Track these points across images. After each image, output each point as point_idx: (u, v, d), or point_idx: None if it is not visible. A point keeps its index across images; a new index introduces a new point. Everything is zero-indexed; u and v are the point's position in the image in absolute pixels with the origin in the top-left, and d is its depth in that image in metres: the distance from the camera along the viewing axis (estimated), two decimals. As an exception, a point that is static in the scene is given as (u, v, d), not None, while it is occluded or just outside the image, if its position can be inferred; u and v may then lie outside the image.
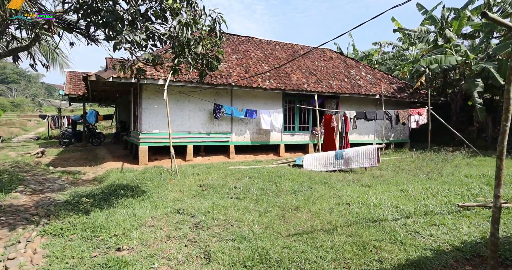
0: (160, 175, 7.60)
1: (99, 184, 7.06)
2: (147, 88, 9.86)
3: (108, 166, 9.48)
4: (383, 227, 3.62)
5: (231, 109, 10.80)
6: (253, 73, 11.36)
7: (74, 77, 15.81)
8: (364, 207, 4.51)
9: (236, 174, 7.52)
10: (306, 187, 6.14)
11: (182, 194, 5.86)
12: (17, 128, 23.03)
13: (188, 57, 4.66)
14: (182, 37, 4.02)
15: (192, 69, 5.00)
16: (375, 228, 3.62)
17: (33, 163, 9.44)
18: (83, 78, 8.84)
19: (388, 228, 3.58)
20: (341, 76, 13.31)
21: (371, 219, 3.92)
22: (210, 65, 5.01)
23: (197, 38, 4.44)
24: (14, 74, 70.49)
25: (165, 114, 10.09)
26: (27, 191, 6.11)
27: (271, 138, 11.90)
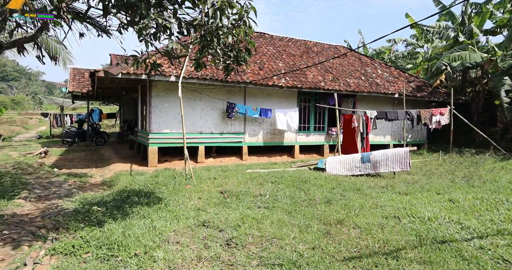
0: (174, 179, 7.04)
1: (108, 188, 6.50)
2: (157, 85, 9.28)
3: (115, 167, 8.92)
4: (457, 251, 3.06)
5: (245, 108, 10.23)
6: (268, 70, 10.78)
7: (78, 74, 15.22)
8: (417, 222, 3.95)
9: (256, 178, 6.96)
10: (338, 194, 5.57)
11: (203, 202, 5.30)
12: (18, 127, 22.47)
13: (217, 48, 4.08)
14: (216, 23, 3.43)
15: (219, 63, 4.42)
16: (448, 252, 3.05)
17: (36, 164, 8.87)
18: (91, 74, 8.26)
19: (465, 252, 3.02)
20: (358, 74, 12.72)
21: (436, 239, 3.36)
22: (239, 58, 4.43)
23: (229, 26, 3.86)
24: (14, 71, 69.92)
25: (175, 113, 9.53)
26: (32, 197, 5.55)
27: (285, 139, 11.33)
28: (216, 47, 4.08)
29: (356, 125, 9.56)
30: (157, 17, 2.96)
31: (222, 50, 4.25)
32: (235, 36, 4.17)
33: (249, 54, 4.49)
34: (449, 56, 11.59)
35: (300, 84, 10.51)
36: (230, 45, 4.31)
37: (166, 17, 3.09)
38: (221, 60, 4.44)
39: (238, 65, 4.75)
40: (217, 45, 4.10)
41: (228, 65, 4.82)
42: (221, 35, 4.07)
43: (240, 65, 4.73)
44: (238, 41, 4.35)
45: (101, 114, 18.06)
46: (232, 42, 4.31)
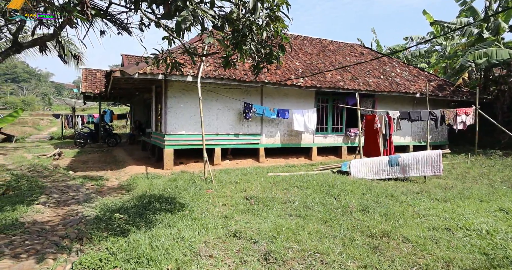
0: (194, 183, 6.76)
1: (127, 193, 6.25)
2: (173, 85, 9.03)
3: (130, 170, 8.69)
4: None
5: (262, 109, 9.91)
6: (285, 69, 10.45)
7: (90, 74, 15.11)
8: (474, 235, 3.58)
9: (280, 182, 6.63)
10: (372, 201, 5.21)
11: (228, 209, 5.01)
12: (30, 128, 22.56)
13: (251, 44, 3.78)
14: (256, 15, 3.13)
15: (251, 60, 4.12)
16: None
17: (51, 167, 8.70)
18: (107, 74, 8.05)
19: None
20: (376, 73, 12.29)
21: (509, 258, 2.98)
22: (272, 56, 4.12)
23: (268, 21, 3.55)
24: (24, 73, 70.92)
25: (191, 114, 9.28)
26: (50, 202, 5.33)
27: (302, 140, 10.98)
28: (250, 43, 3.78)
29: (378, 126, 9.17)
30: (196, 9, 2.67)
31: (255, 47, 3.94)
32: (271, 31, 3.85)
33: (282, 51, 4.17)
34: (474, 53, 11.09)
35: (319, 84, 10.16)
36: (263, 42, 4.00)
37: (205, 9, 2.79)
38: (253, 57, 4.13)
39: (269, 64, 4.44)
40: (251, 41, 3.79)
41: (258, 63, 4.50)
42: (256, 30, 3.77)
43: (271, 64, 4.42)
44: (271, 37, 4.04)
45: (112, 115, 17.94)
46: (265, 38, 4.01)
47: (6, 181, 7.00)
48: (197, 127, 9.35)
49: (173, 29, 4.61)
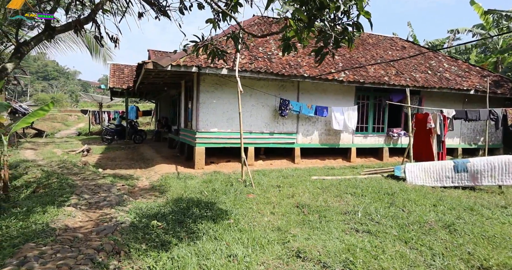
0: (232, 186, 6.13)
1: (161, 195, 5.72)
2: (205, 79, 8.46)
3: (160, 169, 8.22)
4: None
5: (299, 106, 9.15)
6: (324, 63, 9.61)
7: (118, 70, 14.95)
8: None
9: (329, 188, 5.86)
10: (452, 216, 4.34)
11: (279, 219, 4.31)
12: (59, 123, 23.02)
13: (326, 19, 3.05)
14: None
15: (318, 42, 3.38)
16: None
17: (81, 164, 8.40)
18: (138, 66, 7.59)
19: None
20: (423, 68, 11.17)
21: None
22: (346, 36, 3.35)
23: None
24: (54, 71, 73.98)
25: (224, 111, 8.67)
26: (82, 203, 4.86)
27: (341, 140, 10.12)
28: (326, 18, 3.05)
29: (432, 126, 8.15)
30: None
31: (329, 24, 3.20)
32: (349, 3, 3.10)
33: (358, 31, 3.39)
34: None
35: (362, 79, 9.24)
36: (337, 18, 3.26)
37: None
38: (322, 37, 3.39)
39: (336, 48, 3.66)
40: (326, 17, 3.07)
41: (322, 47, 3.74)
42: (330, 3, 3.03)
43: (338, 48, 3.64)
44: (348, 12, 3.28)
45: (138, 112, 17.80)
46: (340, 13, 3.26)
47: (37, 178, 6.70)
48: (230, 124, 8.74)
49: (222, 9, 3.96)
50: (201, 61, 7.66)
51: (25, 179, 6.86)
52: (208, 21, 4.22)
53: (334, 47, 3.65)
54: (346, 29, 3.31)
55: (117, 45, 3.80)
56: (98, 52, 14.42)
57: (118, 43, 3.77)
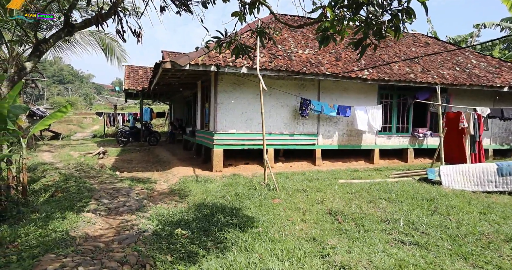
0: (255, 190, 5.81)
1: (181, 200, 5.45)
2: (223, 79, 8.19)
3: (178, 172, 7.99)
4: None
5: (321, 106, 8.76)
6: (346, 61, 9.20)
7: (132, 71, 14.91)
8: None
9: (359, 192, 5.46)
10: (508, 226, 3.88)
11: (312, 227, 3.96)
12: (74, 126, 23.31)
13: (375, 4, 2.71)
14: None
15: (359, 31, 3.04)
16: None
17: (98, 166, 8.26)
18: (155, 66, 7.39)
19: None
20: (450, 64, 10.59)
21: None
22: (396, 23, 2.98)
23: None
24: (69, 75, 75.76)
25: (242, 111, 8.38)
26: (101, 209, 4.64)
27: (363, 141, 9.66)
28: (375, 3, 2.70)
29: (465, 125, 7.61)
30: None
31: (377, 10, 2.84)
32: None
33: (410, 18, 3.01)
34: None
35: (387, 77, 8.77)
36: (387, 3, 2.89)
37: None
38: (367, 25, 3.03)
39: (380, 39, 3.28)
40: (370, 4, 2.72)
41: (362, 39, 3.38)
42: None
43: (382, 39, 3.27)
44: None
45: (152, 114, 17.75)
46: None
47: (55, 181, 6.56)
48: (249, 125, 8.44)
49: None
50: (219, 60, 7.40)
51: (43, 182, 6.74)
52: (234, 14, 3.92)
53: (378, 38, 3.30)
54: (396, 15, 2.94)
55: (140, 40, 3.55)
56: (113, 54, 14.43)
57: (141, 38, 3.52)
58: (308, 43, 9.73)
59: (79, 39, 13.35)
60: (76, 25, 3.88)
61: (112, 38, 14.41)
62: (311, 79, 8.89)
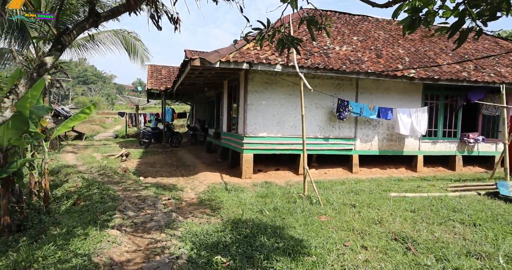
0: (294, 203, 5.12)
1: (213, 213, 4.84)
2: (254, 78, 7.55)
3: (204, 178, 7.42)
4: None
5: (360, 107, 7.94)
6: (388, 58, 8.32)
7: (155, 71, 14.62)
8: None
9: (421, 210, 4.64)
10: None
11: (379, 259, 3.22)
12: (97, 126, 23.53)
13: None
14: None
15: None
16: None
17: (121, 170, 7.86)
18: (183, 63, 6.86)
19: None
20: (506, 61, 9.44)
21: None
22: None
23: None
24: (93, 76, 78.19)
25: (274, 113, 7.71)
26: (126, 223, 4.11)
27: (405, 147, 8.73)
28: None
29: (534, 131, 6.56)
30: None
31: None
32: None
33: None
34: None
35: (437, 75, 7.82)
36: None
37: None
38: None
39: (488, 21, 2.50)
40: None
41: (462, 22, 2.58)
42: None
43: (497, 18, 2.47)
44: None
45: (174, 114, 17.45)
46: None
47: (77, 187, 6.16)
48: (281, 128, 7.76)
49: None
50: (252, 57, 6.76)
51: (65, 187, 6.37)
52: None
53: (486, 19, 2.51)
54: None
55: (178, 28, 2.97)
56: (136, 54, 14.20)
57: (179, 25, 2.94)
58: (345, 39, 8.92)
59: (103, 39, 13.19)
60: (103, 14, 3.35)
61: (136, 37, 14.19)
62: (348, 79, 8.09)
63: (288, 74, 7.69)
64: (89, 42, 12.89)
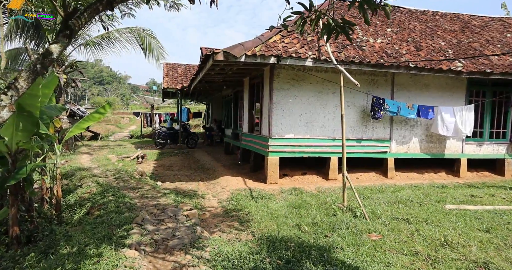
0: (334, 216, 4.44)
1: (242, 227, 4.22)
2: (280, 74, 6.89)
3: (226, 183, 6.82)
4: None
5: (397, 106, 7.15)
6: (429, 50, 7.48)
7: (171, 69, 14.19)
8: None
9: (496, 229, 3.86)
10: None
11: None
12: (112, 126, 23.46)
13: None
14: None
15: None
16: None
17: (137, 174, 7.37)
18: (205, 58, 6.27)
19: None
20: (561, 52, 8.38)
21: None
22: None
23: None
24: (108, 76, 79.53)
25: (301, 113, 7.03)
26: (145, 241, 3.55)
27: (446, 149, 7.86)
28: None
29: None
30: None
31: None
32: None
33: None
34: None
35: (489, 69, 6.93)
36: None
37: None
38: None
39: None
40: None
41: None
42: None
43: None
44: None
45: (189, 114, 17.01)
46: None
47: (91, 194, 5.68)
48: (308, 129, 7.07)
49: None
50: (280, 50, 6.11)
51: (79, 193, 5.91)
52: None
53: None
54: None
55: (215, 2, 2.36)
56: (151, 52, 13.80)
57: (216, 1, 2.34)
58: (377, 31, 8.12)
59: (118, 37, 12.86)
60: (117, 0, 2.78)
61: (151, 35, 13.79)
62: (383, 74, 7.31)
63: (317, 69, 6.99)
64: (104, 40, 12.59)
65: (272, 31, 6.69)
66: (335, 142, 7.20)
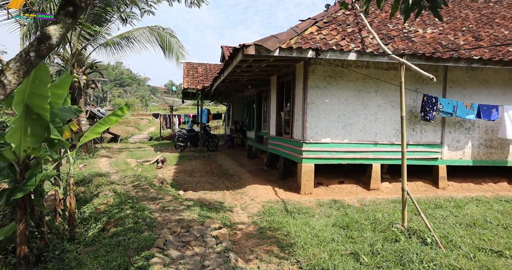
0: (397, 242, 3.58)
1: (283, 253, 3.47)
2: (315, 71, 6.09)
3: (255, 193, 6.09)
4: None
5: (453, 105, 6.15)
6: (492, 40, 6.42)
7: (191, 69, 13.68)
8: None
9: None
10: None
11: None
12: (132, 127, 23.39)
13: None
14: None
15: None
16: None
17: (157, 182, 6.80)
18: (233, 51, 5.57)
19: None
20: None
21: None
22: None
23: None
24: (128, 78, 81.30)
25: (339, 114, 6.20)
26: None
27: (510, 155, 6.76)
28: None
29: None
30: None
31: None
32: None
33: None
34: None
35: None
36: None
37: None
38: None
39: None
40: None
41: None
42: None
43: None
44: None
45: (209, 115, 16.47)
46: None
47: (108, 206, 5.12)
48: (348, 132, 6.22)
49: None
50: (318, 42, 5.31)
51: (95, 204, 5.37)
52: None
53: None
54: None
55: None
56: (171, 51, 13.35)
57: None
58: (425, 20, 7.13)
59: (137, 36, 12.50)
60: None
61: (171, 34, 13.34)
62: (433, 69, 6.35)
63: (357, 64, 6.14)
64: (124, 39, 12.25)
65: (307, 22, 5.92)
66: (377, 147, 6.31)
